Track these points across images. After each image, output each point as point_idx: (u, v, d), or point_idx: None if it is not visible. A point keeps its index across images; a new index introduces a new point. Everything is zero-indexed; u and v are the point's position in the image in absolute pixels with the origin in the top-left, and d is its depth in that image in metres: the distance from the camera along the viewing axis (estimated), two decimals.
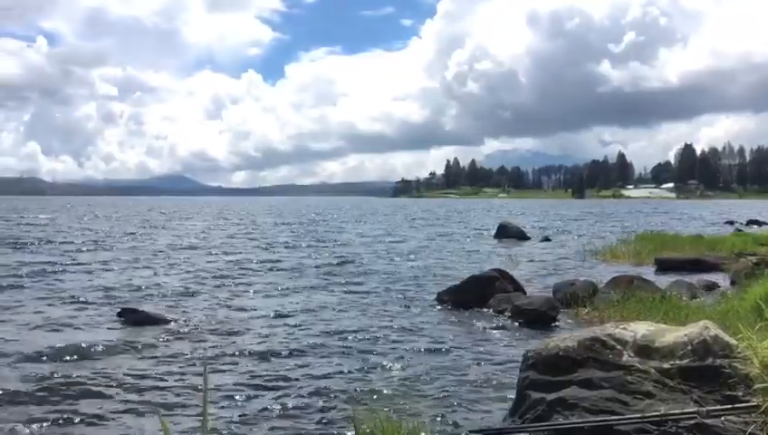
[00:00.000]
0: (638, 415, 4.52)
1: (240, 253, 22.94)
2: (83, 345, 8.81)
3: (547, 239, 29.39)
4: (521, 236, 30.04)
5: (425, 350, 8.84)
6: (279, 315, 11.26)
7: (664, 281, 13.62)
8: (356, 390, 6.95)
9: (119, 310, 11.08)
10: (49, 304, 12.02)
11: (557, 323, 10.50)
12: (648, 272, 16.23)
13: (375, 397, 6.63)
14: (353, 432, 5.21)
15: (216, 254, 22.54)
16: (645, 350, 4.96)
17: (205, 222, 48.56)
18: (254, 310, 11.81)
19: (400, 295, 13.44)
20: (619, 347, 5.06)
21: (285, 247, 25.53)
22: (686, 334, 4.94)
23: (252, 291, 14.14)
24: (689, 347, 4.82)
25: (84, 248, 24.08)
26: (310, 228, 40.58)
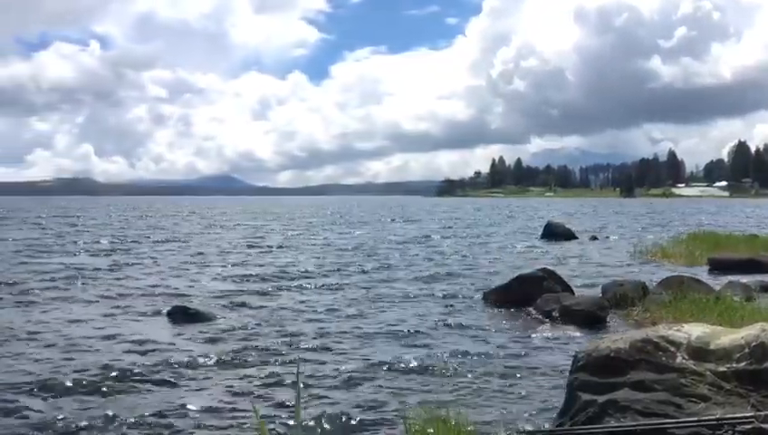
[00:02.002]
0: (694, 418, 4.43)
1: (292, 252, 23.08)
2: (134, 342, 9.07)
3: (595, 239, 28.95)
4: (568, 236, 29.63)
5: (472, 350, 8.80)
6: (327, 313, 11.39)
7: (718, 282, 13.27)
8: (404, 388, 6.98)
9: (169, 308, 11.35)
10: (101, 302, 12.38)
11: (606, 324, 10.35)
12: (701, 272, 15.84)
13: (424, 396, 6.64)
14: (403, 428, 5.23)
15: (270, 253, 22.80)
16: (699, 352, 4.84)
17: (261, 222, 49.09)
18: (303, 307, 11.97)
19: (446, 295, 13.41)
20: (672, 349, 4.95)
21: (334, 247, 25.62)
22: (742, 337, 4.82)
23: (301, 289, 14.30)
24: (746, 350, 4.70)
25: (142, 248, 24.66)
26: (359, 227, 40.74)
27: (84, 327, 10.10)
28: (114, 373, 7.49)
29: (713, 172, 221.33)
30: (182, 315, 10.85)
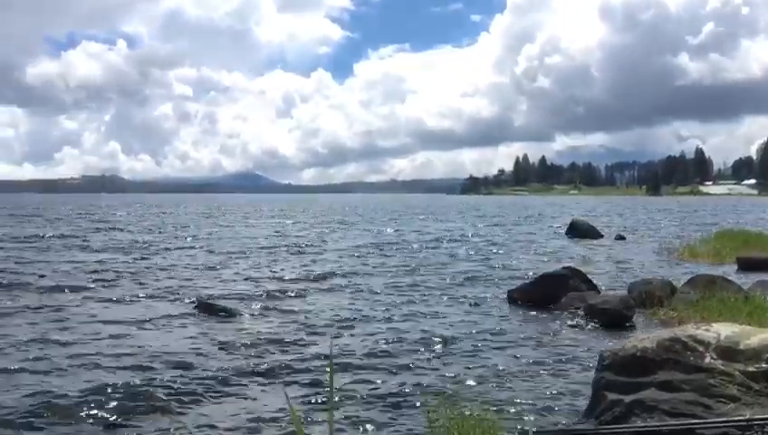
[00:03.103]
0: (722, 419, 4.37)
1: (319, 251, 23.09)
2: (161, 337, 9.19)
3: (621, 237, 28.65)
4: (593, 234, 29.35)
5: (496, 348, 8.78)
6: (351, 310, 11.42)
7: (746, 281, 13.04)
8: (428, 385, 6.98)
9: (195, 303, 11.48)
10: (131, 299, 12.53)
11: (633, 324, 10.23)
12: (730, 271, 15.60)
13: (448, 393, 6.63)
14: (427, 426, 5.24)
15: (296, 250, 22.92)
16: (728, 352, 4.79)
17: (289, 220, 49.34)
18: (327, 304, 12.01)
19: (470, 293, 13.37)
20: (700, 349, 4.90)
21: (361, 245, 25.60)
22: None
23: (326, 286, 14.32)
24: None
25: (174, 244, 24.94)
26: (383, 226, 40.79)
27: (112, 325, 10.20)
28: (139, 371, 7.57)
29: (741, 170, 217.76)
30: (211, 313, 10.93)
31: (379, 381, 7.21)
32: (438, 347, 8.80)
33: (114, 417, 6.09)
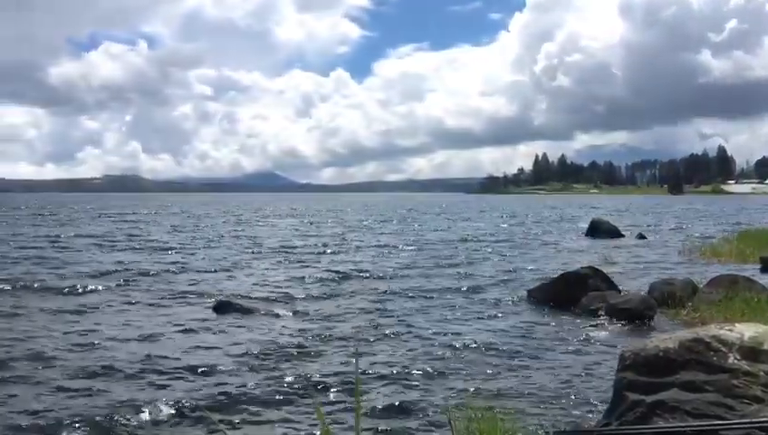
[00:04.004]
0: (746, 420, 4.31)
1: (339, 251, 23.08)
2: (182, 335, 9.26)
3: (642, 237, 28.42)
4: (614, 234, 29.14)
5: (516, 348, 8.75)
6: (371, 311, 11.42)
7: None
8: (449, 387, 6.98)
9: (215, 303, 11.55)
10: (151, 299, 12.67)
11: (654, 324, 10.16)
12: (753, 271, 15.40)
13: (468, 394, 6.62)
14: (449, 428, 5.23)
15: (317, 251, 22.97)
16: (752, 352, 4.72)
17: (312, 219, 49.51)
18: (348, 304, 12.06)
19: (490, 292, 13.35)
20: (723, 349, 4.84)
21: (382, 245, 25.56)
22: None
23: (346, 285, 14.36)
24: None
25: (195, 245, 25.14)
26: (403, 226, 40.79)
27: (131, 327, 10.31)
28: (166, 371, 7.64)
29: (764, 168, 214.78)
30: (235, 311, 11.01)
31: (401, 382, 7.22)
32: (458, 346, 8.78)
33: (136, 421, 6.14)
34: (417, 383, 7.15)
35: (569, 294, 11.89)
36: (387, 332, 9.78)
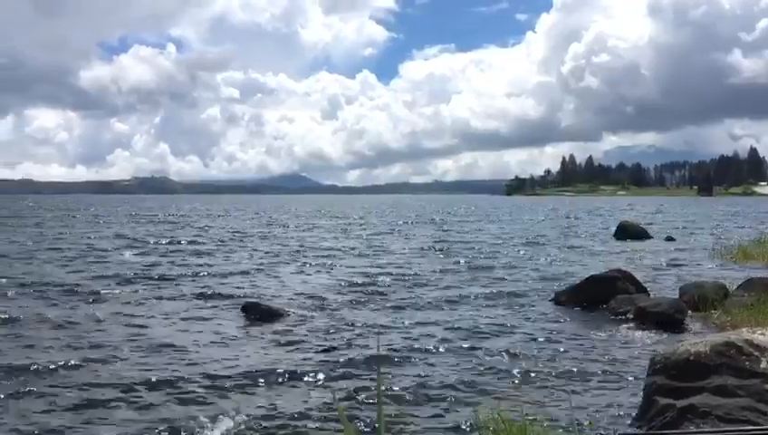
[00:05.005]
0: None
1: (367, 254, 22.96)
2: (211, 336, 9.37)
3: (671, 239, 28.05)
4: (642, 236, 28.78)
5: (543, 351, 8.69)
6: (398, 314, 11.38)
7: None
8: (476, 390, 6.96)
9: (242, 305, 11.64)
10: (181, 300, 12.81)
11: (684, 327, 10.01)
12: None
13: (495, 398, 6.60)
14: (476, 428, 5.23)
15: (346, 253, 23.01)
16: None
17: (342, 221, 49.60)
18: (374, 307, 12.06)
19: (517, 295, 13.26)
20: (756, 353, 4.78)
21: (412, 248, 25.46)
22: None
23: (373, 287, 14.30)
24: None
25: (225, 247, 25.38)
26: (433, 228, 40.72)
27: (160, 327, 10.44)
28: (192, 375, 7.73)
29: None
30: (263, 315, 11.04)
31: (425, 379, 7.25)
32: (484, 350, 8.76)
33: (167, 414, 6.24)
34: (443, 387, 7.12)
35: (597, 296, 11.78)
36: (414, 334, 9.77)
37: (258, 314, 11.06)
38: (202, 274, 16.40)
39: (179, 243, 26.19)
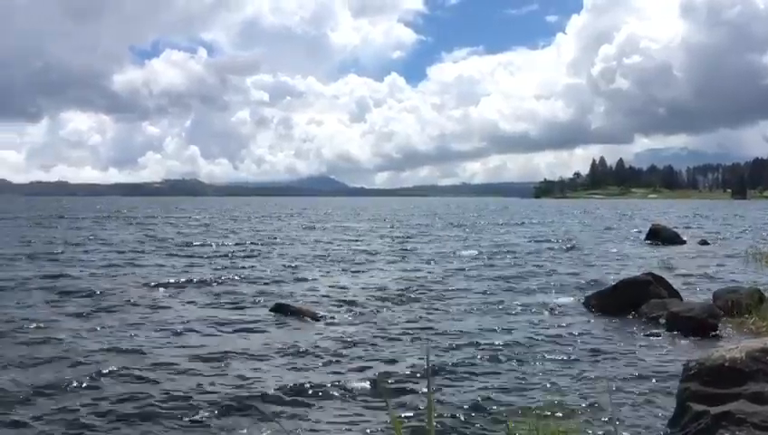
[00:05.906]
0: None
1: (398, 258, 22.74)
2: (242, 336, 9.44)
3: (705, 243, 27.63)
4: (675, 240, 28.36)
5: (574, 357, 8.61)
6: (425, 319, 11.31)
7: None
8: (508, 399, 6.90)
9: (273, 305, 11.73)
10: (211, 302, 12.98)
11: (718, 333, 9.85)
12: None
13: (526, 401, 6.57)
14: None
15: (377, 256, 23.01)
16: None
17: (375, 225, 49.69)
18: (406, 310, 12.08)
19: (548, 299, 13.16)
20: None
21: (442, 251, 25.35)
22: None
23: (407, 291, 14.20)
24: None
25: (258, 250, 25.60)
26: (464, 231, 40.59)
27: (191, 332, 10.49)
28: (228, 374, 7.81)
29: None
30: (293, 314, 11.17)
31: (445, 394, 7.12)
32: (514, 354, 8.71)
33: (202, 421, 6.28)
34: (473, 392, 7.10)
35: (628, 301, 11.65)
36: (443, 338, 9.74)
37: (288, 314, 11.14)
38: (234, 277, 16.44)
39: (209, 245, 26.44)
